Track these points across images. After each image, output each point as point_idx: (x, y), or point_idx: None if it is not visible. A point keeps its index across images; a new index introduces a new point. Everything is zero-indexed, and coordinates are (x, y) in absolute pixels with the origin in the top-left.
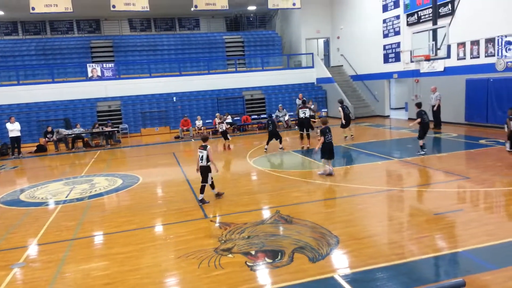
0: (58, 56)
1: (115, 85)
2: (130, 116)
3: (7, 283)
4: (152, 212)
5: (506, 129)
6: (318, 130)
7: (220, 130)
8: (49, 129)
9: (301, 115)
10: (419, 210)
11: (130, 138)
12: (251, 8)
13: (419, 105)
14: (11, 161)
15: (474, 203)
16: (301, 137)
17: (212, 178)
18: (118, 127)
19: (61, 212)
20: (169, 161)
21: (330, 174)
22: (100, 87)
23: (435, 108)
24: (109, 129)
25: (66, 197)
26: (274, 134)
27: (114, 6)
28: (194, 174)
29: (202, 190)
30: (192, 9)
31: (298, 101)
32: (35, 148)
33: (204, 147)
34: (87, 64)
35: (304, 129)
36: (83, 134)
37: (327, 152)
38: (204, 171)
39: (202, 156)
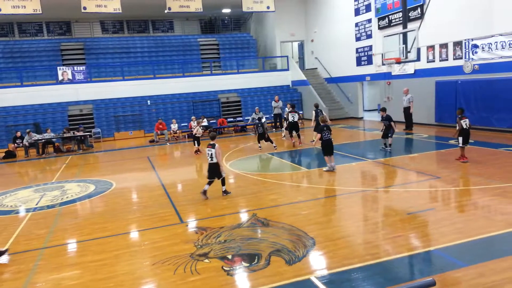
0: (27, 59)
1: (87, 88)
2: (103, 120)
3: None
4: (126, 218)
5: (457, 128)
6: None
7: (196, 134)
8: (18, 134)
9: (290, 118)
10: (393, 210)
11: (103, 143)
12: (226, 11)
13: (384, 109)
14: None
15: (445, 202)
16: (291, 136)
17: (224, 173)
18: (90, 131)
19: (31, 220)
20: (143, 165)
21: (331, 170)
22: (71, 90)
23: (411, 110)
24: (80, 133)
25: (37, 204)
26: (263, 137)
27: (85, 8)
28: (169, 178)
29: (210, 183)
30: (165, 11)
31: (274, 103)
32: (4, 154)
33: (213, 146)
34: (58, 67)
35: (294, 131)
36: (53, 139)
37: (324, 148)
38: (214, 168)
39: (211, 154)
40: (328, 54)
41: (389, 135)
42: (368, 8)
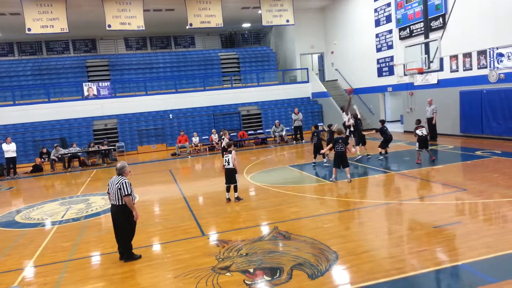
0: (54, 76)
1: (111, 103)
2: (126, 134)
3: None
4: (148, 231)
5: (415, 136)
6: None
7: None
8: (44, 150)
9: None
10: (418, 223)
11: (127, 156)
12: (246, 25)
13: (382, 121)
14: (6, 182)
15: (472, 215)
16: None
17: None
18: (114, 145)
19: (57, 232)
20: (165, 178)
21: (333, 181)
22: (96, 105)
23: (433, 122)
24: (105, 147)
25: (62, 217)
26: (318, 147)
27: (109, 26)
28: (191, 191)
29: (228, 189)
30: (187, 27)
31: (294, 116)
32: (31, 168)
33: (229, 152)
34: (83, 83)
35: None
36: (79, 153)
37: (335, 160)
38: (230, 173)
39: (228, 160)
40: (348, 65)
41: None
42: (388, 18)
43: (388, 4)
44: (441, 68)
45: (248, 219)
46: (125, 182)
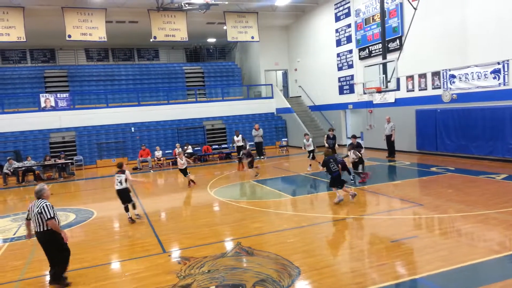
0: (9, 86)
1: (70, 115)
2: (85, 147)
3: None
4: (106, 248)
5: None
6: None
7: (180, 165)
8: None
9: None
10: (377, 237)
11: (85, 170)
12: (211, 40)
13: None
14: None
15: (429, 229)
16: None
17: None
18: (72, 159)
19: (8, 250)
20: None
21: (340, 200)
22: (54, 117)
23: (392, 139)
24: (62, 161)
25: (14, 234)
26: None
27: (70, 36)
28: (151, 207)
29: (126, 209)
30: (151, 40)
31: (255, 132)
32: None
33: (123, 172)
34: (40, 94)
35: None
36: (34, 167)
37: (335, 181)
38: (123, 193)
39: (121, 180)
40: (311, 82)
41: (360, 165)
42: (349, 39)
43: (349, 25)
44: (398, 88)
45: (211, 235)
46: (46, 205)
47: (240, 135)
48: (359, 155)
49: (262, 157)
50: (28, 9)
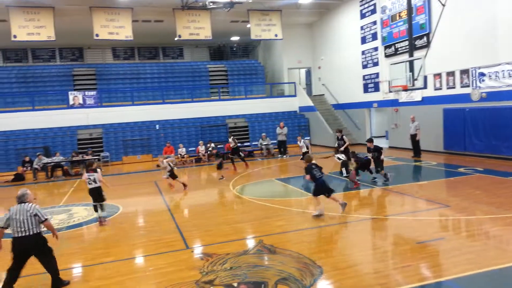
0: (40, 84)
1: (97, 112)
2: (111, 144)
3: None
4: (131, 243)
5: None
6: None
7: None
8: (27, 159)
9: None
10: (402, 238)
11: (111, 167)
12: (234, 38)
13: (371, 140)
14: None
15: (455, 232)
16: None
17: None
18: (99, 155)
19: None
20: (150, 190)
21: (321, 215)
22: (82, 115)
23: (417, 138)
24: (89, 157)
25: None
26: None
27: (97, 35)
28: (175, 203)
29: (96, 209)
30: (176, 38)
31: (279, 130)
32: (13, 176)
33: (94, 170)
34: (69, 92)
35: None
36: (62, 163)
37: (316, 189)
38: (95, 192)
39: (93, 178)
40: (335, 80)
41: (379, 168)
42: (374, 36)
43: (374, 22)
44: (425, 86)
45: (233, 232)
46: (38, 207)
47: (232, 137)
48: (343, 158)
49: (284, 155)
50: (57, 9)
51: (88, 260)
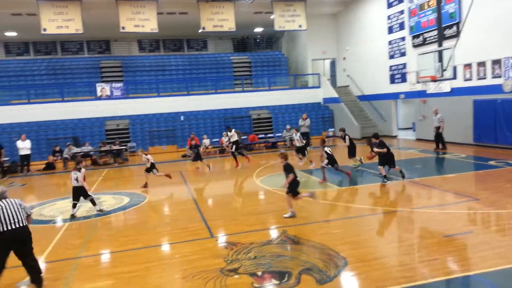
0: (69, 76)
1: (124, 104)
2: (138, 134)
3: None
4: (157, 231)
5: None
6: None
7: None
8: (57, 148)
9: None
10: (429, 231)
11: (138, 157)
12: (258, 29)
13: (376, 136)
14: (19, 179)
15: (485, 225)
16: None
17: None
18: (126, 145)
19: (68, 230)
20: (175, 179)
21: (292, 216)
22: (109, 106)
23: (440, 130)
24: (116, 147)
25: (73, 214)
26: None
27: (123, 28)
28: (200, 193)
29: (74, 206)
30: (200, 30)
31: (301, 122)
32: (44, 165)
33: (79, 170)
34: (97, 84)
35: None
36: (91, 153)
37: (295, 186)
38: (78, 191)
39: (77, 177)
40: (360, 71)
41: (391, 165)
42: (401, 26)
43: (401, 12)
44: (455, 77)
45: (257, 222)
46: (22, 201)
47: (233, 130)
48: (330, 153)
49: (308, 147)
50: (85, 2)
51: (117, 247)
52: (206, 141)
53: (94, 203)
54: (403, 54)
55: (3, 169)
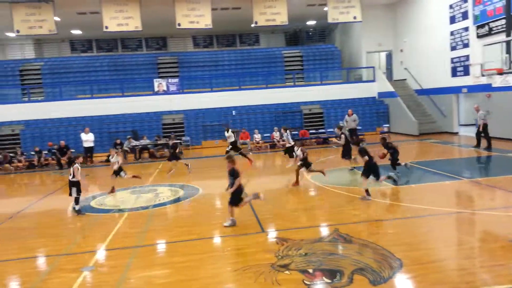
0: (128, 72)
1: (179, 99)
2: (192, 128)
3: (78, 285)
4: (211, 224)
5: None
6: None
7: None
8: (118, 141)
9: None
10: (492, 235)
11: (192, 150)
12: (311, 22)
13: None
14: (83, 170)
15: None
16: None
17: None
18: (180, 139)
19: (128, 219)
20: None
21: (232, 224)
22: (166, 101)
23: (480, 128)
24: (172, 141)
25: (132, 205)
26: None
27: (179, 25)
28: (251, 187)
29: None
30: (252, 25)
31: (347, 117)
32: (106, 157)
33: (75, 164)
34: (154, 79)
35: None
36: (149, 146)
37: (237, 196)
38: (74, 185)
39: (73, 172)
40: (419, 64)
41: (376, 176)
42: (465, 15)
43: (465, 0)
44: None
45: (308, 219)
46: None
47: (230, 130)
48: (305, 155)
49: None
50: (143, 0)
51: (173, 237)
52: (258, 136)
53: (77, 202)
54: (466, 46)
55: (70, 161)
